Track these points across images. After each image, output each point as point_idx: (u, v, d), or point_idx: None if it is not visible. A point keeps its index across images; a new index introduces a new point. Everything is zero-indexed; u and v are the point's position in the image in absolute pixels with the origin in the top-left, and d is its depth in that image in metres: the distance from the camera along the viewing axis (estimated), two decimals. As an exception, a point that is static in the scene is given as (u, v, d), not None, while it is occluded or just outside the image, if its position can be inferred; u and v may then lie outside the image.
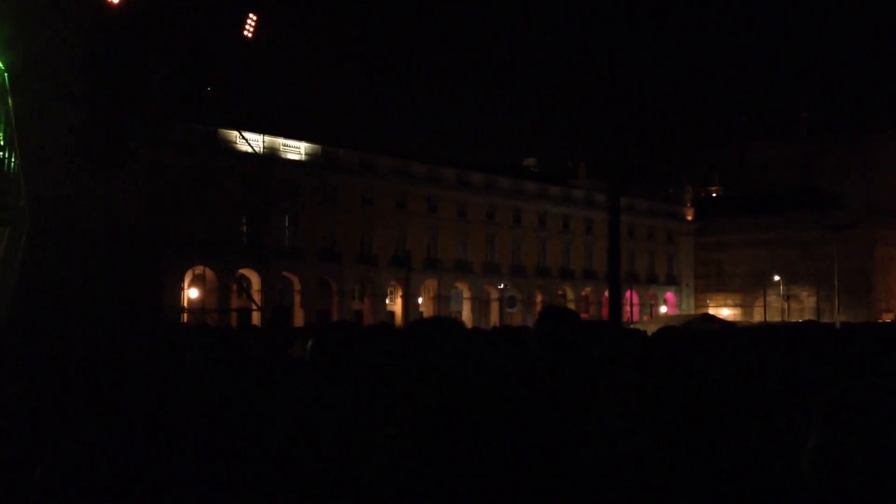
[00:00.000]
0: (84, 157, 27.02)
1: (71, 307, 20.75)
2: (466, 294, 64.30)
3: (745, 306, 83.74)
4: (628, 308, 62.77)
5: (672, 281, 79.30)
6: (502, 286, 63.74)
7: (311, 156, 56.37)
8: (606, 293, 15.58)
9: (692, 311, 70.90)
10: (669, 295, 78.96)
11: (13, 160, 26.00)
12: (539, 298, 66.38)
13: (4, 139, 25.96)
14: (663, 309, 75.40)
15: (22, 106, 25.91)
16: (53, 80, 26.89)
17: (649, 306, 75.25)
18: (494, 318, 61.07)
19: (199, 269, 50.29)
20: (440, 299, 61.40)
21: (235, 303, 50.17)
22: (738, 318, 71.08)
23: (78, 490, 2.26)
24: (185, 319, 42.46)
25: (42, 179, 26.34)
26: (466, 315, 61.15)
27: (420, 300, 61.01)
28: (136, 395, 3.01)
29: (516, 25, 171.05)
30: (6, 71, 25.85)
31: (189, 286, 51.31)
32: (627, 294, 61.42)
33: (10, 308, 23.62)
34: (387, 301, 60.85)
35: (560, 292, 69.34)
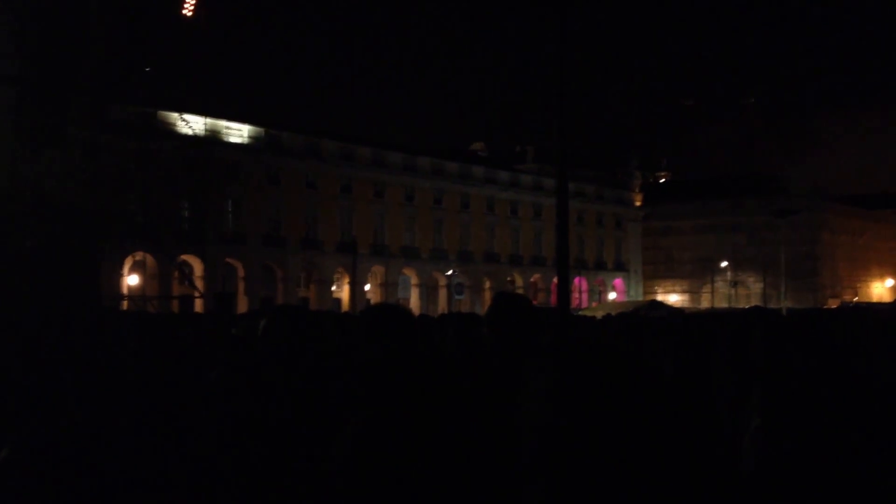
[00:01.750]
0: (17, 137, 25.99)
1: (4, 293, 19.85)
2: (414, 280, 63.86)
3: (693, 292, 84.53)
4: (577, 295, 62.93)
5: (621, 267, 79.67)
6: (450, 273, 63.40)
7: (254, 139, 55.28)
8: (555, 279, 15.34)
9: (640, 298, 71.31)
10: (618, 281, 79.34)
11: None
12: (487, 285, 66.18)
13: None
14: (612, 295, 75.72)
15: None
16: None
17: (598, 293, 75.53)
18: (442, 304, 60.67)
19: (139, 255, 49.14)
20: (387, 286, 60.85)
21: (177, 290, 49.05)
22: (686, 305, 71.71)
23: (39, 475, 2.25)
24: (125, 307, 41.36)
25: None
26: (414, 302, 60.67)
27: (367, 287, 60.36)
28: (74, 382, 3.01)
29: (465, 6, 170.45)
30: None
31: (129, 273, 50.04)
32: (576, 281, 61.49)
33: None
34: (333, 288, 60.10)
35: (509, 279, 69.18)
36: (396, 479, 2.09)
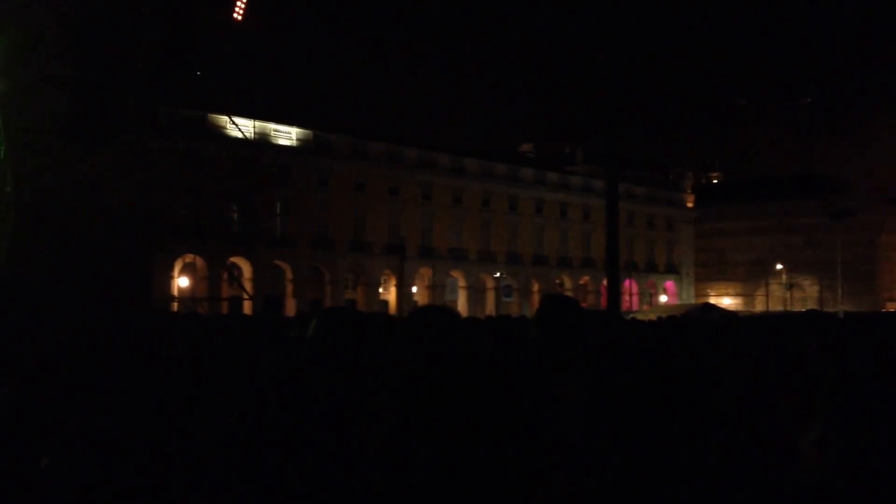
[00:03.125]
0: (70, 141, 26.35)
1: (58, 296, 20.11)
2: (462, 283, 63.55)
3: (747, 295, 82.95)
4: (627, 297, 62.13)
5: (672, 269, 78.51)
6: (498, 275, 62.98)
7: (303, 141, 55.48)
8: (605, 282, 15.04)
9: (692, 301, 70.16)
10: (669, 284, 78.21)
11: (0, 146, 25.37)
12: (536, 287, 65.62)
13: (-12, 124, 25.30)
14: (663, 298, 74.67)
15: (7, 90, 25.24)
16: (39, 64, 26.21)
17: (648, 295, 74.52)
18: (490, 307, 60.25)
19: (189, 258, 49.63)
20: (435, 288, 60.66)
21: (226, 292, 49.50)
22: (740, 308, 70.32)
23: (84, 478, 2.33)
24: (175, 308, 41.80)
25: (28, 165, 25.71)
26: (462, 304, 60.36)
27: (414, 289, 60.22)
28: (127, 384, 3.05)
29: (513, 7, 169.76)
30: (-10, 55, 25.14)
31: (179, 275, 50.55)
32: (626, 283, 60.67)
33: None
34: (380, 290, 60.07)
35: (557, 281, 68.51)
36: (428, 477, 2.10)
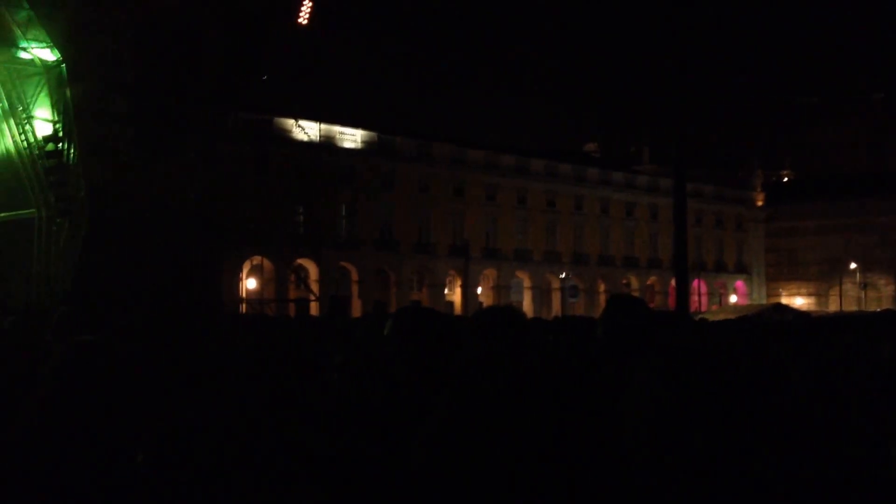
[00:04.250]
0: (140, 147, 26.90)
1: (130, 297, 20.50)
2: (527, 283, 63.25)
3: (820, 295, 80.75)
4: (696, 298, 61.04)
5: (742, 269, 76.97)
6: (564, 275, 62.52)
7: (368, 143, 55.83)
8: (673, 282, 14.73)
9: (763, 301, 68.63)
10: (739, 284, 76.70)
11: (72, 151, 26.01)
12: (602, 288, 64.92)
13: (63, 130, 25.95)
14: (733, 298, 73.22)
15: (79, 97, 25.87)
16: (110, 72, 26.81)
17: (718, 296, 73.17)
18: (556, 308, 59.82)
19: (256, 260, 50.35)
20: (500, 289, 60.48)
21: (293, 293, 50.09)
22: (813, 308, 68.49)
23: (180, 471, 2.41)
24: (244, 310, 42.43)
25: (99, 170, 26.33)
26: (527, 305, 60.07)
27: (479, 290, 60.10)
28: (199, 385, 3.13)
29: (578, 6, 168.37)
30: (64, 62, 25.79)
31: (247, 276, 51.30)
32: (695, 283, 59.61)
33: (70, 297, 23.55)
34: (445, 291, 60.09)
35: (624, 281, 67.73)
36: (484, 477, 2.10)
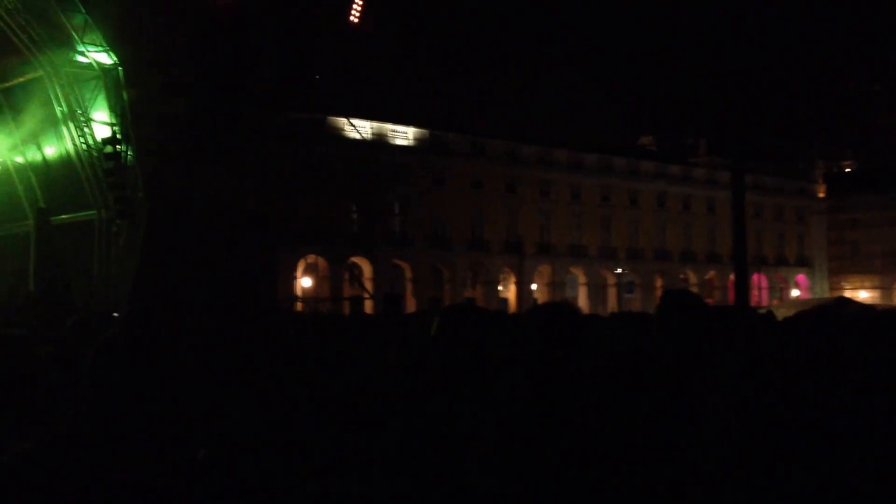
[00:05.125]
0: (195, 148, 27.12)
1: (188, 296, 20.66)
2: (582, 279, 62.64)
3: (885, 288, 78.56)
4: (756, 292, 59.85)
5: (803, 262, 75.34)
6: (619, 271, 61.79)
7: (420, 141, 55.74)
8: (732, 276, 14.30)
9: (826, 294, 67.03)
10: (801, 277, 75.07)
11: (130, 153, 26.32)
12: (659, 283, 64.01)
13: (121, 133, 26.27)
14: (795, 293, 71.68)
15: (136, 99, 26.17)
16: (164, 74, 27.08)
17: (779, 290, 71.70)
18: (612, 304, 59.17)
19: (311, 258, 50.69)
20: (554, 285, 59.99)
21: (348, 291, 50.26)
22: (877, 301, 66.65)
23: (239, 469, 2.45)
24: (299, 308, 42.69)
25: (157, 171, 26.61)
26: (582, 301, 59.45)
27: (534, 286, 59.71)
28: (258, 384, 3.15)
29: None
30: (120, 65, 26.09)
31: (302, 275, 51.62)
32: (755, 277, 58.42)
33: (130, 297, 23.85)
34: (499, 288, 59.80)
35: (682, 276, 66.69)
36: (549, 474, 2.07)
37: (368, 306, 46.13)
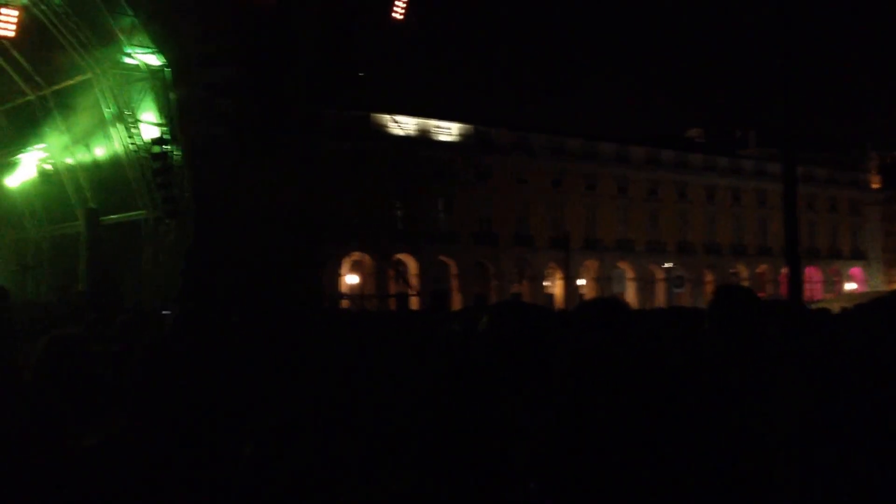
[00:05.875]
0: (241, 146, 27.27)
1: (236, 294, 20.77)
2: (630, 274, 61.97)
3: (943, 280, 76.69)
4: (809, 286, 58.71)
5: (858, 255, 73.72)
6: (668, 265, 61.02)
7: (464, 136, 55.54)
8: (784, 270, 13.98)
9: (882, 288, 65.47)
10: (855, 270, 73.48)
11: (177, 153, 26.57)
12: (709, 278, 63.05)
13: (169, 133, 26.53)
14: (849, 286, 70.17)
15: (183, 100, 26.39)
16: (211, 73, 27.26)
17: (833, 283, 70.23)
18: (660, 299, 58.46)
19: (356, 256, 50.81)
20: (602, 280, 59.41)
21: (393, 288, 50.28)
22: (936, 294, 64.93)
23: (283, 465, 2.50)
24: (345, 305, 42.84)
25: (204, 171, 26.82)
26: (631, 296, 58.81)
27: (581, 281, 59.22)
28: (306, 381, 3.18)
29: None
30: (167, 66, 26.33)
31: (347, 272, 51.79)
32: (808, 271, 57.23)
33: (180, 295, 24.08)
34: (546, 283, 59.41)
35: (732, 270, 65.68)
36: (597, 471, 2.04)
37: (414, 303, 46.15)
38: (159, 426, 2.49)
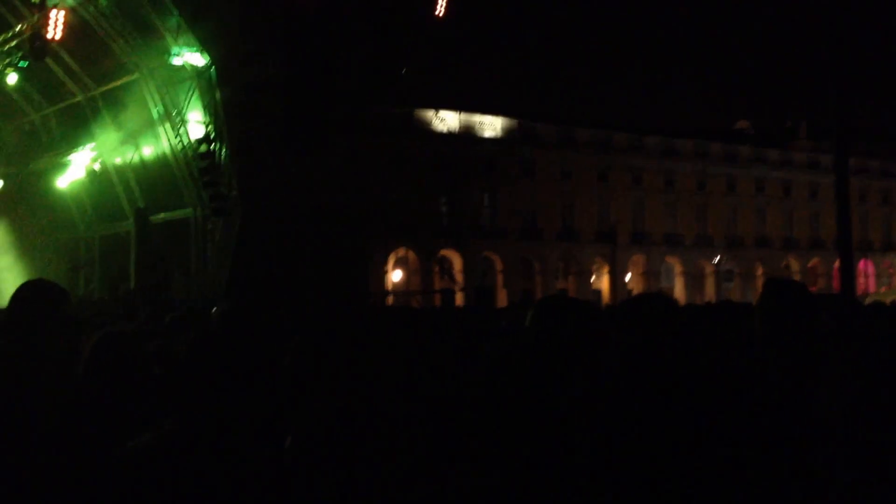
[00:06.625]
0: (287, 144, 27.38)
1: (283, 291, 20.87)
2: (678, 269, 61.25)
3: None
4: (863, 279, 57.55)
5: (912, 247, 71.99)
6: (717, 259, 60.16)
7: (508, 131, 55.28)
8: (837, 264, 13.67)
9: (939, 281, 63.91)
10: (910, 263, 71.77)
11: (223, 152, 26.75)
12: (759, 272, 62.12)
13: (215, 132, 26.71)
14: (903, 279, 68.58)
15: (228, 98, 26.55)
16: (256, 72, 27.40)
17: (887, 276, 68.73)
18: (710, 293, 57.67)
19: (401, 252, 50.89)
20: (649, 275, 58.80)
21: (438, 284, 50.30)
22: None
23: (324, 458, 2.52)
24: (390, 302, 42.93)
25: (250, 169, 26.97)
26: (679, 291, 58.16)
27: (628, 276, 58.65)
28: (353, 378, 3.20)
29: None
30: (213, 65, 26.49)
31: (392, 269, 51.88)
32: (861, 264, 56.12)
33: (227, 292, 24.26)
34: (592, 279, 58.95)
35: (783, 264, 64.62)
36: (655, 473, 2.01)
37: (459, 299, 46.07)
38: (205, 422, 2.51)
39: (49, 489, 2.68)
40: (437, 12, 27.84)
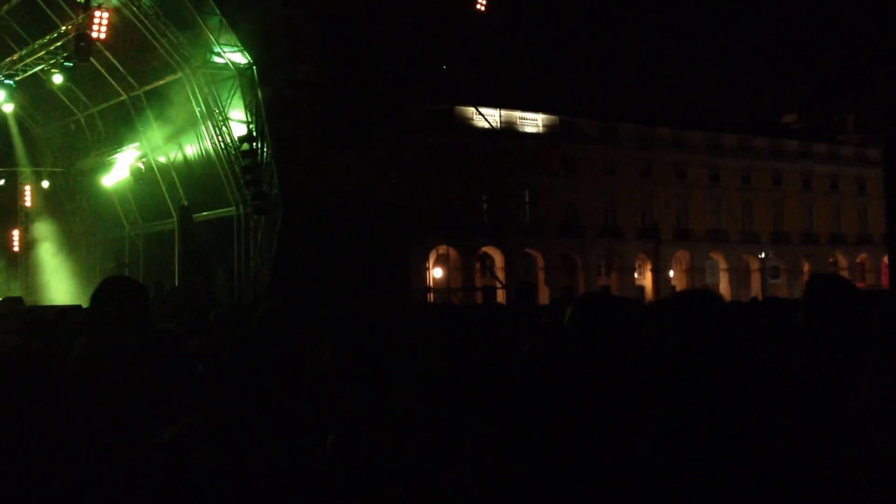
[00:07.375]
0: (329, 143, 27.46)
1: (325, 289, 20.94)
2: (722, 265, 60.54)
3: None
4: (913, 275, 56.21)
5: (964, 242, 70.28)
6: (763, 255, 59.27)
7: (549, 127, 54.94)
8: (885, 259, 13.31)
9: None
10: (962, 258, 70.07)
11: (265, 150, 26.89)
12: (806, 268, 61.12)
13: (256, 130, 26.85)
14: (955, 274, 66.97)
15: (269, 97, 26.69)
16: (297, 70, 27.51)
17: (938, 272, 67.11)
18: (755, 289, 56.82)
19: (442, 249, 50.81)
20: (693, 271, 58.15)
21: (479, 281, 50.19)
22: None
23: (363, 456, 2.53)
24: (431, 299, 42.93)
25: (291, 167, 27.11)
26: (724, 287, 57.46)
27: (671, 273, 58.01)
28: (391, 376, 3.23)
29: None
30: (254, 64, 26.64)
31: (434, 266, 51.83)
32: (911, 259, 54.71)
33: (269, 289, 24.41)
34: (635, 275, 58.42)
35: (831, 260, 63.55)
36: (700, 472, 2.00)
37: (500, 296, 45.87)
38: (245, 417, 2.49)
39: (88, 482, 2.69)
40: (477, 7, 27.71)
